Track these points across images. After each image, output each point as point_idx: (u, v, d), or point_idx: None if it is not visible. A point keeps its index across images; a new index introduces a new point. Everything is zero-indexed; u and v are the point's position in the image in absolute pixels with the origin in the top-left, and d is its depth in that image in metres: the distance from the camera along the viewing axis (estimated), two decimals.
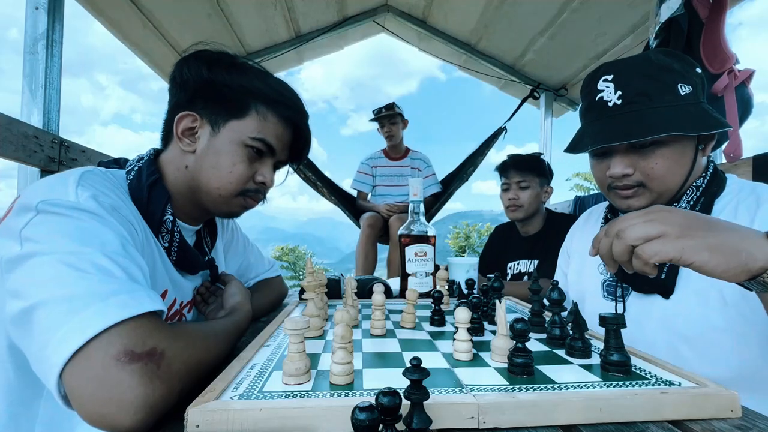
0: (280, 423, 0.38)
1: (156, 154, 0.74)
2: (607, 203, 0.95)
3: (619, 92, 0.73)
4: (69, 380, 0.42)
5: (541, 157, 1.77)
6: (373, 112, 2.81)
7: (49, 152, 1.31)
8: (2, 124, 1.14)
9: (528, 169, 1.68)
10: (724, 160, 1.47)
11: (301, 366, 0.46)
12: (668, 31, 1.55)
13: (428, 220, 1.10)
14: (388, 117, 2.73)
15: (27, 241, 0.48)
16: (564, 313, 0.60)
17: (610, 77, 0.75)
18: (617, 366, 0.49)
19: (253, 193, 0.74)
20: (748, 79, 1.45)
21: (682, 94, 0.71)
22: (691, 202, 0.75)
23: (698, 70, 0.75)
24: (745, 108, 1.45)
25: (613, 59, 0.80)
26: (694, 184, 0.76)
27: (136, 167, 0.69)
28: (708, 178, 0.76)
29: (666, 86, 0.71)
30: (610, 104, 0.74)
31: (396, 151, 2.82)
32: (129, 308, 0.45)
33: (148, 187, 0.67)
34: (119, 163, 0.74)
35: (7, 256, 0.48)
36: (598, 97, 0.76)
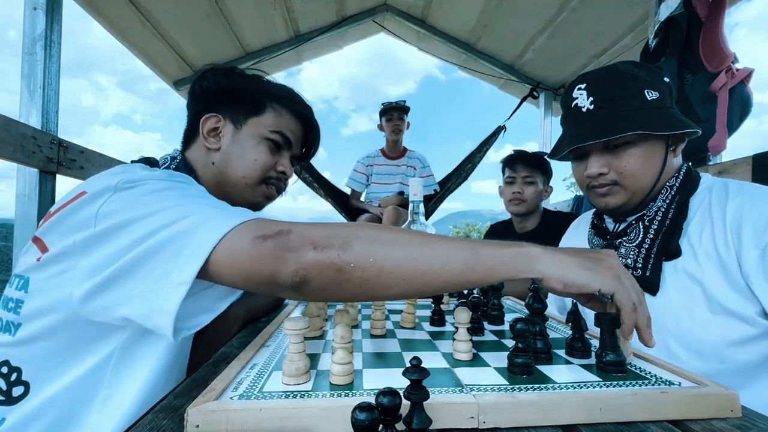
0: (279, 423, 0.38)
1: (183, 155, 0.80)
2: (593, 210, 0.98)
3: (591, 98, 0.79)
4: (217, 259, 0.47)
5: (545, 156, 1.78)
6: (383, 104, 2.74)
7: (48, 153, 1.31)
8: (1, 125, 1.13)
9: (534, 166, 1.69)
10: (720, 160, 1.47)
11: (301, 366, 0.46)
12: (667, 30, 1.55)
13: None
14: (398, 111, 2.68)
15: (111, 216, 0.52)
16: (549, 321, 0.59)
17: (583, 86, 0.81)
18: (613, 366, 0.49)
19: (275, 181, 0.80)
20: (747, 78, 1.45)
21: (649, 99, 0.76)
22: (667, 201, 0.79)
23: (666, 79, 0.80)
24: (744, 107, 1.45)
25: (612, 59, 0.83)
26: (668, 184, 0.80)
27: (173, 166, 0.75)
28: (681, 178, 0.79)
29: (633, 92, 0.77)
30: (584, 109, 0.80)
31: (394, 150, 2.78)
32: (247, 215, 0.50)
33: None
34: (150, 162, 0.76)
35: (85, 236, 0.51)
36: (573, 104, 0.82)
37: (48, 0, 1.37)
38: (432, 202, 2.84)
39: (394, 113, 2.68)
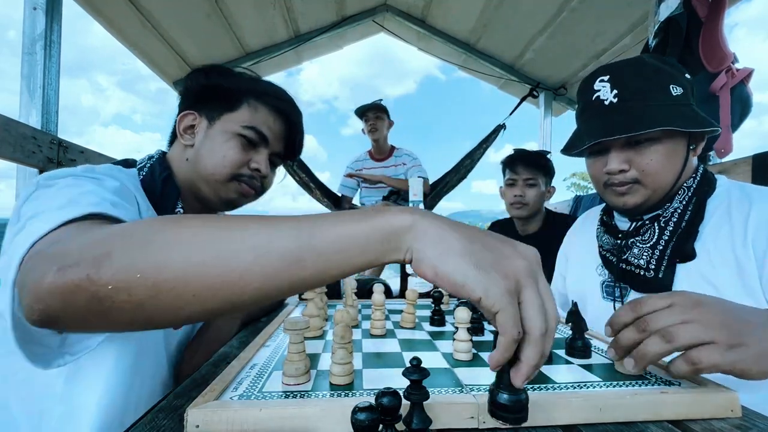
0: (279, 423, 0.38)
1: (162, 153, 0.79)
2: (601, 206, 0.97)
3: (615, 91, 0.76)
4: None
5: (547, 155, 1.76)
6: (356, 109, 2.72)
7: (48, 153, 1.31)
8: (0, 125, 1.13)
9: (536, 167, 1.64)
10: (720, 160, 1.48)
11: (301, 366, 0.46)
12: (667, 30, 1.55)
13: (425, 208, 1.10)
14: (373, 110, 2.65)
15: (23, 217, 0.49)
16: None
17: (606, 78, 0.77)
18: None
19: (247, 179, 0.78)
20: (747, 78, 1.45)
21: (674, 94, 0.74)
22: (684, 202, 0.77)
23: (687, 75, 0.77)
24: (744, 107, 1.45)
25: (611, 59, 0.83)
26: (685, 184, 0.78)
27: (148, 164, 0.74)
28: (698, 179, 0.78)
29: (659, 86, 0.74)
30: (606, 102, 0.76)
31: (380, 151, 2.74)
32: (61, 219, 0.42)
33: (161, 181, 0.72)
34: (128, 163, 0.76)
35: (8, 236, 0.50)
36: (594, 96, 0.78)
37: (48, 0, 1.37)
38: (429, 197, 2.84)
39: (369, 113, 2.65)
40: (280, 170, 0.87)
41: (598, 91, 0.78)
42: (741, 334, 0.45)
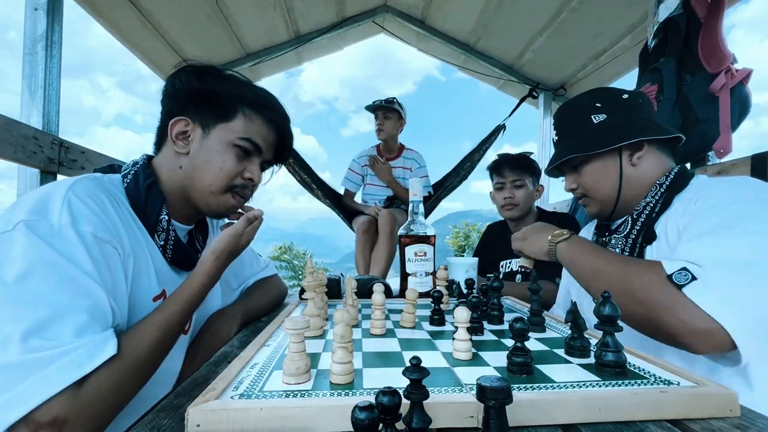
0: (280, 422, 0.38)
1: (148, 159, 0.77)
2: None
3: (555, 131, 0.99)
4: None
5: (531, 156, 1.78)
6: (370, 105, 2.65)
7: (49, 153, 1.31)
8: (1, 126, 1.14)
9: (521, 168, 1.69)
10: (720, 160, 1.48)
11: (302, 365, 0.46)
12: (666, 30, 1.55)
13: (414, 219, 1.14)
14: (383, 109, 2.58)
15: None
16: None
17: (553, 121, 1.01)
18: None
19: (240, 189, 0.78)
20: (746, 79, 1.45)
21: (596, 122, 0.89)
22: (656, 197, 0.85)
23: (624, 96, 0.90)
24: (743, 107, 1.45)
25: (611, 59, 0.90)
26: (657, 182, 0.86)
27: (132, 171, 0.73)
28: (672, 177, 0.85)
29: (580, 120, 0.92)
30: (554, 140, 1.01)
31: (389, 150, 2.68)
32: (51, 385, 0.46)
33: (145, 189, 0.70)
34: (114, 168, 0.76)
35: None
36: (551, 135, 1.01)
37: (49, 1, 1.37)
38: (429, 202, 2.83)
39: (378, 112, 2.60)
40: (267, 172, 0.87)
41: (552, 131, 1.01)
42: (526, 233, 0.95)
